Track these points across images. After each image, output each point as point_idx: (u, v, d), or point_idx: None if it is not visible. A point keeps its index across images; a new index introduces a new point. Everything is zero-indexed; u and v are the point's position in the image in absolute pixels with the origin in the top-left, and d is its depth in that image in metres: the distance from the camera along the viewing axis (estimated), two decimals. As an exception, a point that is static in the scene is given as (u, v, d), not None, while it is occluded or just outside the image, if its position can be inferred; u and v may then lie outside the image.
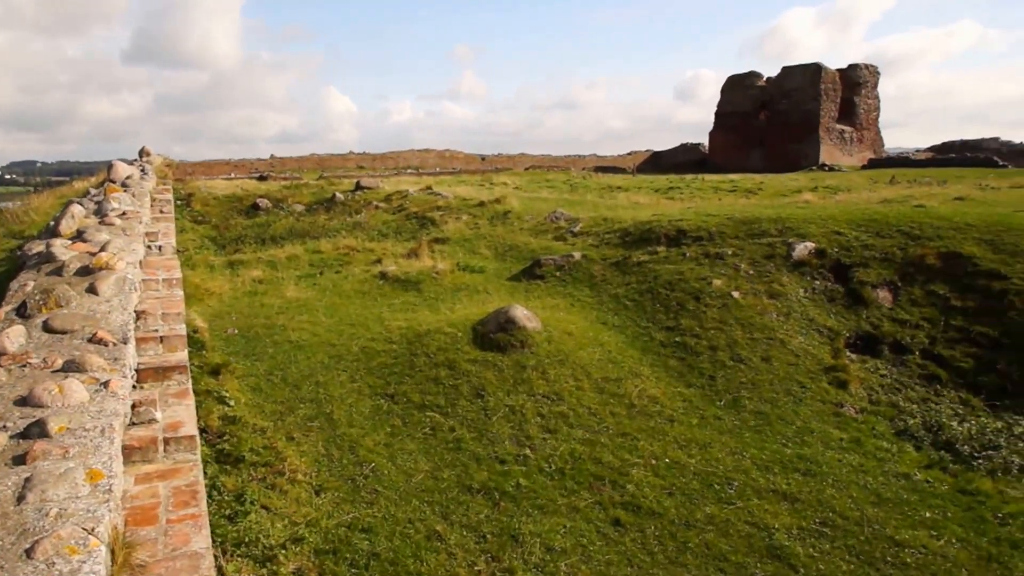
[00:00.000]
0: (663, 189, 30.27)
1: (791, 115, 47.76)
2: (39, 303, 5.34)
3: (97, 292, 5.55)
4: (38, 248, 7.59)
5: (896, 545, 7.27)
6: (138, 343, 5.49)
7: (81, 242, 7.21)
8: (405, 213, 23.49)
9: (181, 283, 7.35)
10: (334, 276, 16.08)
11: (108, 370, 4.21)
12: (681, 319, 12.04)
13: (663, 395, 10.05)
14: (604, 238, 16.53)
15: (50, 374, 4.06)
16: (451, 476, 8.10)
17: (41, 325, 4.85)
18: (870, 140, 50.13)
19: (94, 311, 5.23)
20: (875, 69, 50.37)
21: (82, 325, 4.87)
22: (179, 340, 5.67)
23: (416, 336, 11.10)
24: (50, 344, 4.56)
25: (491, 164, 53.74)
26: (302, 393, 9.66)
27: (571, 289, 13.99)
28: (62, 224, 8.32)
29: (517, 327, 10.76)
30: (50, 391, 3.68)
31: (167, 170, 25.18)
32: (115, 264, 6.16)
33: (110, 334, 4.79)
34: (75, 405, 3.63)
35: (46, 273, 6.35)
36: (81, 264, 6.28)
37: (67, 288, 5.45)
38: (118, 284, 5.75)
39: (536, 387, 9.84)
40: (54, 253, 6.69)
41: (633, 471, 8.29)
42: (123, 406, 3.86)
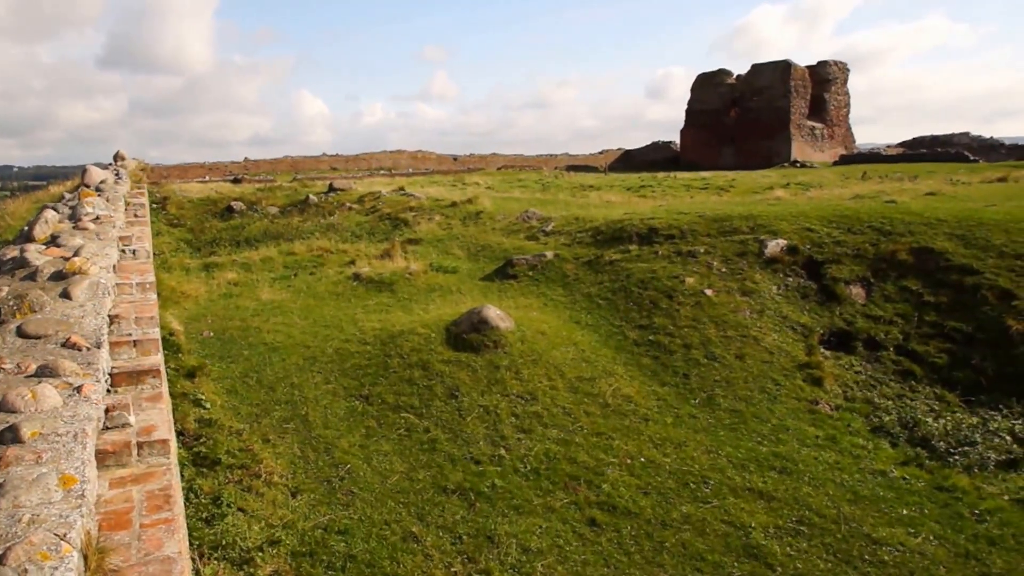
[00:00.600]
0: (635, 187, 30.38)
1: (762, 112, 48.01)
2: (13, 308, 5.35)
3: (71, 297, 5.56)
4: (12, 253, 7.57)
5: (873, 543, 7.33)
6: (112, 347, 5.50)
7: (55, 247, 7.20)
8: (378, 214, 23.47)
9: (155, 287, 7.35)
10: (308, 278, 16.07)
11: (82, 375, 4.24)
12: (654, 317, 12.13)
13: (637, 394, 10.13)
14: (576, 237, 16.60)
15: (24, 379, 4.07)
16: (426, 477, 8.15)
17: (15, 330, 4.86)
18: (841, 136, 50.59)
19: (68, 316, 5.24)
20: (844, 65, 50.81)
21: (56, 330, 4.89)
22: (153, 344, 5.68)
23: (390, 337, 11.14)
24: (24, 349, 4.57)
25: (463, 164, 53.75)
26: (277, 395, 9.68)
27: (544, 289, 14.06)
28: (36, 229, 8.28)
29: (490, 327, 10.82)
30: (23, 396, 3.70)
31: (142, 174, 24.99)
32: (88, 269, 6.17)
33: (84, 339, 4.81)
34: (48, 410, 3.66)
35: (20, 278, 6.34)
36: (55, 269, 6.28)
37: (41, 293, 5.45)
38: (91, 289, 5.77)
39: (510, 387, 9.90)
40: (28, 258, 6.68)
41: (608, 471, 8.35)
42: (96, 411, 3.89)
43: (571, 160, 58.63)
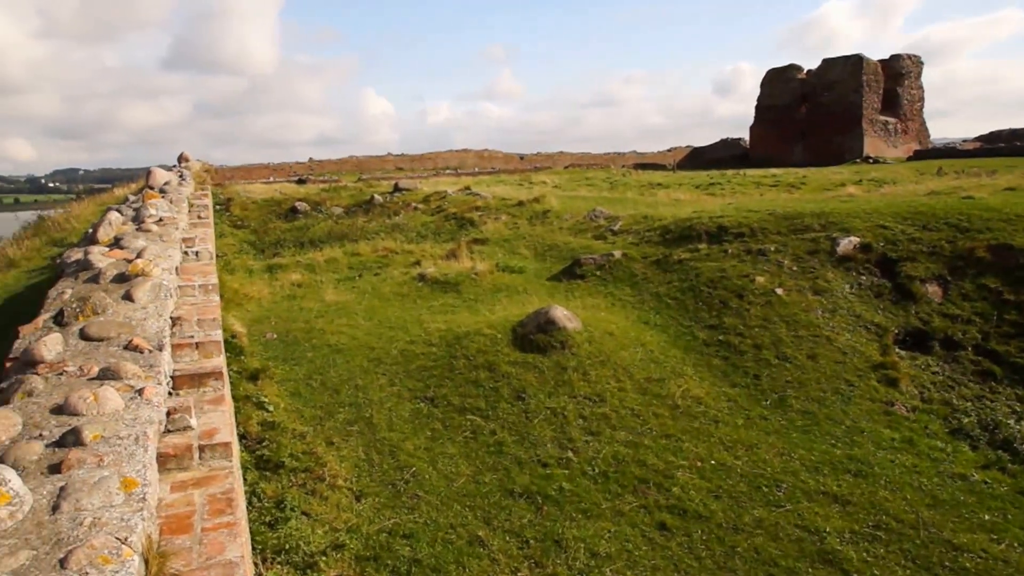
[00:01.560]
0: (704, 185, 29.87)
1: (833, 108, 46.83)
2: (76, 311, 5.32)
3: (133, 299, 5.51)
4: (76, 256, 7.61)
5: (954, 549, 6.97)
6: (174, 349, 5.44)
7: (118, 249, 7.21)
8: (444, 214, 23.44)
9: (217, 288, 7.31)
10: (373, 279, 16.05)
11: (143, 377, 4.16)
12: (724, 317, 11.78)
13: (707, 395, 9.82)
14: (644, 236, 16.28)
15: (86, 382, 4.01)
16: (493, 480, 7.97)
17: (78, 333, 4.82)
18: (915, 131, 49.07)
19: (130, 318, 5.19)
20: (918, 59, 49.30)
21: (118, 332, 4.83)
22: (215, 346, 5.61)
23: (455, 338, 10.99)
24: (86, 352, 4.52)
25: (530, 163, 53.55)
26: (341, 397, 9.60)
27: (612, 288, 13.79)
28: (100, 231, 8.34)
29: (557, 328, 10.59)
30: (85, 399, 3.63)
31: (205, 175, 25.40)
32: (151, 271, 6.13)
33: (145, 341, 4.74)
34: (110, 413, 3.58)
35: (83, 281, 6.34)
36: (118, 271, 6.27)
37: (103, 296, 5.41)
38: (154, 291, 5.72)
39: (577, 389, 9.67)
40: (91, 261, 6.69)
41: (678, 473, 8.08)
42: (158, 413, 3.79)
43: (639, 158, 58.10)
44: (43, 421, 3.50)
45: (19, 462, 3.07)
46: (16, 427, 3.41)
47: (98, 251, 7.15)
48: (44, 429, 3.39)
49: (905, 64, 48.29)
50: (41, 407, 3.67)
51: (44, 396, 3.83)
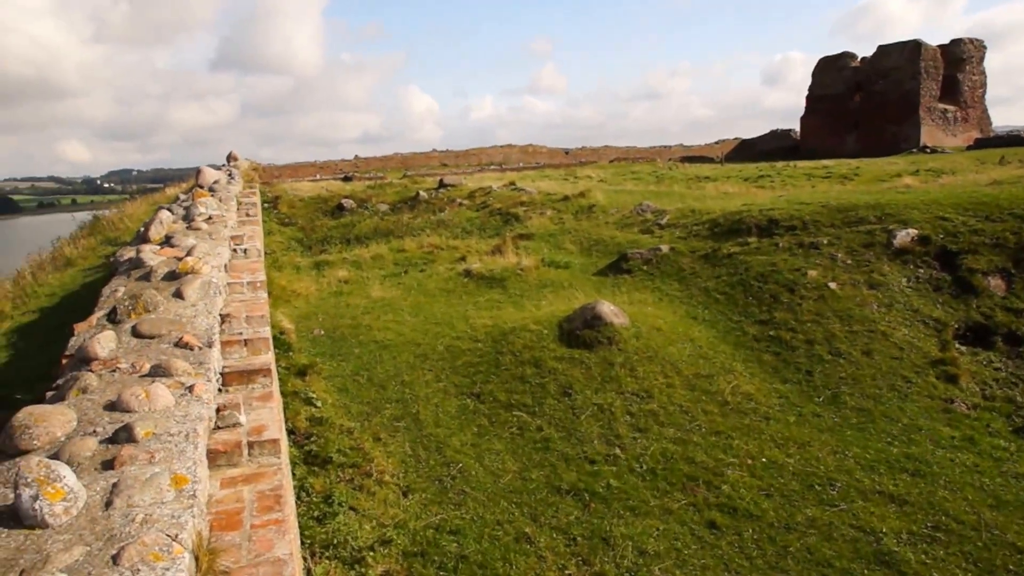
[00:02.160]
0: (753, 178, 29.45)
1: (888, 96, 45.76)
2: (128, 308, 5.39)
3: (183, 297, 5.58)
4: (129, 254, 7.73)
5: (1018, 552, 6.70)
6: (223, 346, 5.49)
7: (169, 247, 7.30)
8: (489, 210, 23.43)
9: (265, 286, 7.37)
10: (419, 275, 16.09)
11: (193, 374, 4.19)
12: (775, 312, 11.55)
13: (758, 392, 9.64)
14: (692, 230, 16.08)
15: (138, 379, 4.05)
16: (540, 477, 7.92)
17: (130, 330, 4.88)
18: (976, 119, 47.69)
19: (180, 315, 5.25)
20: (980, 43, 47.80)
21: (169, 330, 4.88)
22: (263, 343, 5.65)
23: (501, 334, 10.97)
24: (138, 349, 4.57)
25: (575, 158, 53.37)
26: (388, 393, 9.64)
27: (659, 283, 13.65)
28: (151, 230, 8.46)
29: (604, 323, 10.50)
30: (137, 396, 3.66)
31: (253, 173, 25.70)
32: (200, 268, 6.20)
33: (195, 338, 4.79)
34: (161, 410, 3.61)
35: (135, 279, 6.43)
36: (168, 269, 6.34)
37: (155, 293, 5.48)
38: (203, 288, 5.78)
39: (625, 385, 9.57)
40: (143, 259, 6.79)
41: (728, 471, 7.94)
42: (207, 410, 3.82)
43: (686, 151, 57.57)
44: (97, 417, 3.54)
45: (73, 458, 3.11)
46: (71, 423, 3.46)
47: (149, 249, 7.26)
48: (98, 425, 3.43)
49: (966, 49, 46.96)
50: (95, 403, 3.71)
51: (98, 393, 3.88)
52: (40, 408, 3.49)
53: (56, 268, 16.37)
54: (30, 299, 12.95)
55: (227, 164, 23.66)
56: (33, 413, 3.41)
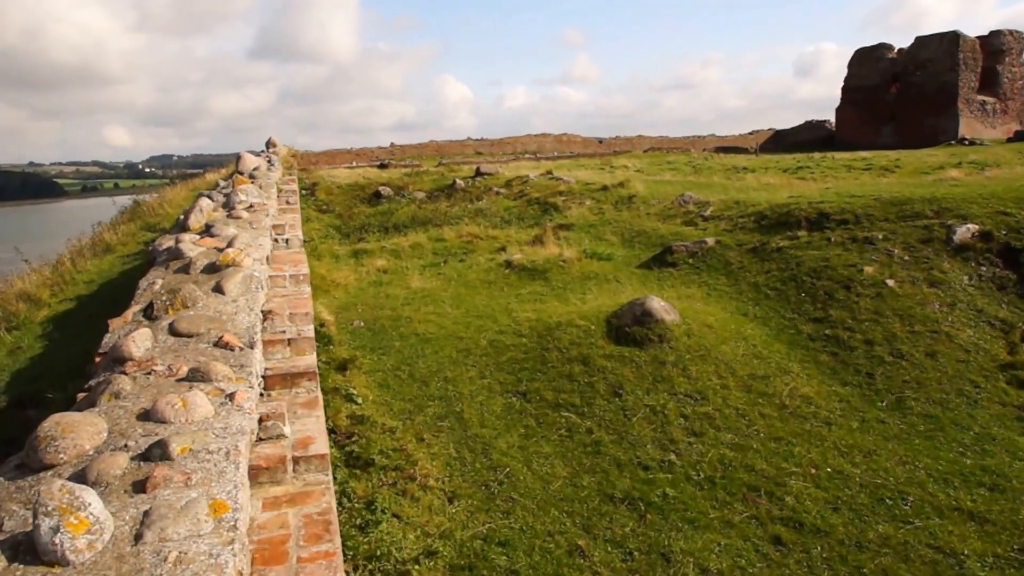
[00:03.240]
0: (792, 169, 28.82)
1: (926, 87, 44.77)
2: (165, 304, 5.09)
3: (223, 291, 5.26)
4: (167, 243, 7.45)
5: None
6: (265, 346, 5.17)
7: (209, 237, 7.01)
8: (526, 199, 23.08)
9: (308, 278, 7.04)
10: (458, 265, 15.76)
11: (234, 379, 3.87)
12: (830, 310, 11.02)
13: (816, 394, 9.14)
14: (738, 222, 15.55)
15: (174, 383, 3.74)
16: (591, 483, 7.51)
17: (167, 328, 4.57)
18: (1015, 111, 46.51)
19: (220, 312, 4.93)
20: (1020, 35, 46.60)
21: (208, 328, 4.57)
22: (307, 343, 5.31)
23: (547, 329, 10.56)
24: (175, 349, 4.26)
25: (609, 147, 53.11)
26: (431, 390, 9.28)
27: (706, 277, 13.16)
28: (191, 218, 8.20)
29: (654, 320, 10.05)
30: (173, 405, 3.34)
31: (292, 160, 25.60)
32: (241, 261, 5.88)
33: (236, 337, 4.47)
34: (199, 421, 3.29)
35: (173, 271, 6.14)
36: (208, 261, 6.05)
37: (194, 288, 5.17)
38: (244, 282, 5.45)
39: (677, 385, 9.13)
40: (182, 249, 6.50)
41: (791, 481, 7.47)
42: (249, 422, 3.48)
43: (720, 141, 57.22)
44: (129, 428, 3.23)
45: (102, 477, 2.79)
46: (101, 434, 3.15)
47: (189, 239, 6.98)
48: (129, 438, 3.12)
49: (1006, 40, 45.84)
50: (127, 412, 3.41)
51: (131, 399, 3.57)
52: (68, 417, 3.18)
53: (95, 254, 16.27)
54: (68, 286, 12.80)
55: (266, 150, 23.57)
56: (60, 422, 3.11)
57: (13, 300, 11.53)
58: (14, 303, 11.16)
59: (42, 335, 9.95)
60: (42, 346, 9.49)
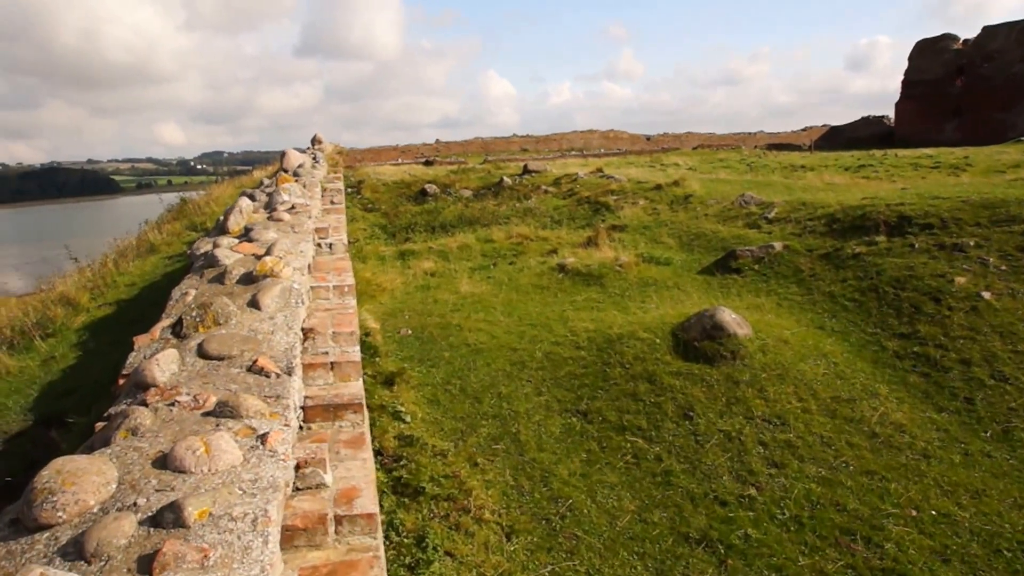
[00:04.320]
0: (853, 167, 27.64)
1: (994, 80, 42.79)
2: (195, 320, 4.49)
3: (260, 306, 4.64)
4: (205, 247, 6.91)
5: None
6: (305, 370, 4.54)
7: (247, 242, 6.44)
8: (576, 198, 22.39)
9: (353, 290, 6.41)
10: (508, 268, 15.10)
11: (267, 415, 3.23)
12: (918, 325, 10.06)
13: (910, 422, 8.23)
14: (806, 225, 14.58)
15: (200, 418, 3.11)
16: (663, 520, 6.77)
17: (196, 349, 3.97)
18: (1092, 104, 44.47)
19: (255, 330, 4.32)
20: (1097, 22, 44.61)
21: (241, 349, 3.95)
22: (353, 367, 4.66)
23: (607, 341, 9.82)
24: (204, 374, 3.64)
25: (657, 144, 52.51)
26: (484, 407, 8.60)
27: (775, 285, 12.29)
28: (230, 220, 7.65)
29: (726, 334, 9.24)
30: (194, 452, 2.71)
31: (338, 157, 25.21)
32: (280, 271, 5.27)
33: (272, 361, 3.84)
34: (224, 471, 2.66)
35: (208, 280, 5.56)
36: (245, 270, 5.45)
37: (227, 302, 4.56)
38: (283, 296, 4.83)
39: (754, 408, 8.32)
40: (217, 257, 5.92)
41: (889, 524, 6.61)
42: (283, 471, 2.82)
43: (771, 138, 56.12)
44: (141, 479, 2.61)
45: (102, 548, 2.17)
46: (109, 486, 2.54)
47: (226, 243, 6.41)
48: (141, 493, 2.50)
49: (1081, 28, 43.75)
50: (143, 455, 2.80)
51: (149, 438, 2.96)
52: (72, 464, 2.57)
53: (139, 254, 15.94)
54: (109, 290, 12.40)
55: (312, 147, 23.24)
56: (62, 471, 2.52)
57: (52, 304, 11.16)
58: (52, 307, 10.77)
59: (77, 343, 9.49)
60: (76, 356, 9.02)
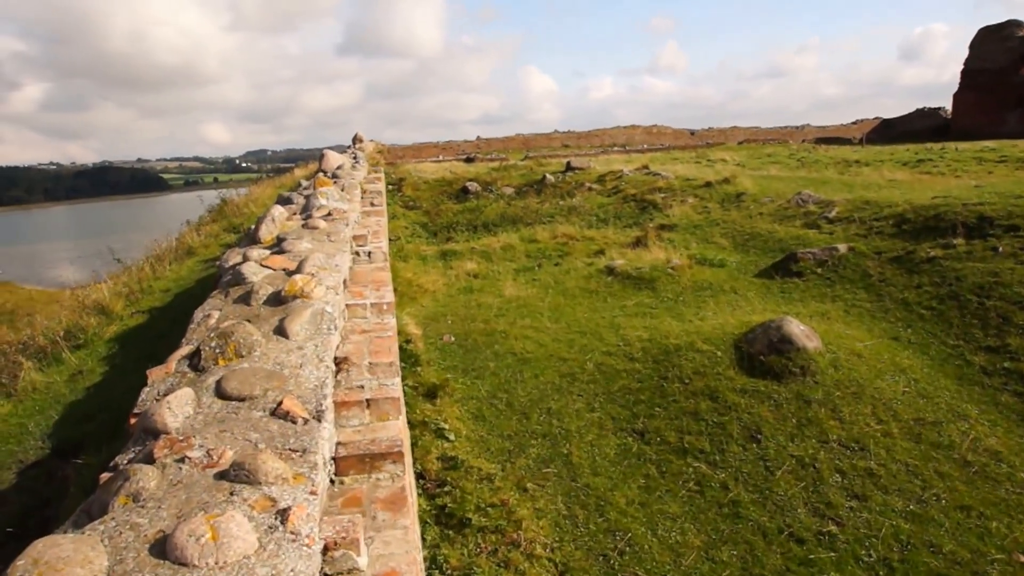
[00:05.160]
0: (911, 162, 26.53)
1: (1063, 68, 41.23)
2: (215, 352, 3.94)
3: (287, 334, 4.07)
4: (234, 259, 6.38)
5: None
6: (337, 408, 3.97)
7: (278, 254, 5.90)
8: (622, 195, 21.69)
9: (393, 308, 5.85)
10: (554, 269, 14.49)
11: (291, 479, 2.64)
12: (1008, 337, 9.18)
13: (1006, 448, 7.41)
14: (872, 226, 13.70)
15: (212, 482, 2.54)
16: (732, 558, 6.11)
17: (214, 387, 3.40)
18: None
19: (282, 363, 3.75)
20: None
21: (264, 388, 3.38)
22: (392, 404, 4.08)
23: (663, 353, 9.17)
24: (222, 419, 3.08)
25: (701, 139, 51.55)
26: (532, 424, 8.01)
27: (840, 291, 11.50)
28: (261, 229, 7.12)
29: (795, 347, 8.52)
30: (199, 538, 2.14)
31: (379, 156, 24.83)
32: (311, 291, 4.71)
33: (299, 404, 3.26)
34: (234, 563, 2.08)
35: (233, 300, 5.02)
36: (273, 289, 4.90)
37: (250, 331, 4.00)
38: (314, 321, 4.27)
39: (828, 430, 7.59)
40: (243, 273, 5.38)
41: (993, 572, 5.86)
42: (308, 563, 2.24)
43: (819, 132, 54.71)
44: (134, 570, 2.04)
45: None
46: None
47: (256, 256, 5.88)
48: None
49: None
50: (140, 536, 2.24)
51: (151, 508, 2.40)
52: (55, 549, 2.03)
53: (176, 258, 15.61)
54: (144, 296, 12.02)
55: (352, 146, 22.90)
56: (40, 560, 2.02)
57: (85, 312, 10.79)
58: (85, 316, 10.39)
59: (107, 356, 9.08)
60: (103, 372, 8.60)
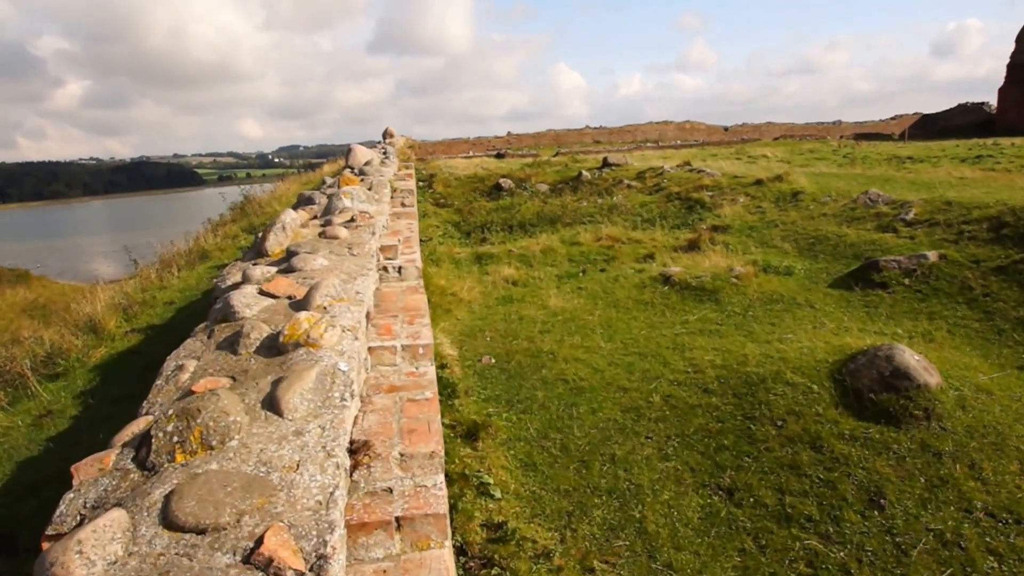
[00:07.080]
0: (968, 159, 25.10)
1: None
2: (172, 441, 2.60)
3: (280, 411, 2.68)
4: (233, 277, 5.03)
5: None
6: (352, 533, 2.63)
7: (285, 274, 4.54)
8: (665, 193, 20.31)
9: (432, 351, 4.47)
10: (601, 276, 13.08)
11: None
12: None
13: None
14: (961, 230, 12.12)
15: None
16: None
17: (160, 507, 2.03)
18: None
19: (269, 461, 2.38)
20: None
21: (238, 512, 2.00)
22: (436, 524, 2.72)
23: (744, 384, 7.70)
24: (164, 571, 1.74)
25: (735, 135, 50.82)
26: (594, 476, 6.57)
27: (937, 306, 9.97)
28: (269, 239, 5.79)
29: (913, 384, 6.98)
30: None
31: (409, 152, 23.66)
32: (321, 336, 3.35)
33: (291, 540, 1.89)
34: None
35: (216, 344, 3.68)
36: (270, 331, 3.56)
37: (226, 408, 2.62)
38: (321, 387, 2.89)
39: (968, 494, 6.02)
40: (234, 307, 4.04)
41: None
42: None
43: (857, 128, 54.01)
44: None
45: None
46: None
47: (258, 276, 4.54)
48: None
49: None
50: None
51: None
52: None
53: (188, 262, 14.35)
54: (144, 309, 10.71)
55: (382, 141, 21.79)
56: None
57: (73, 329, 9.49)
58: (68, 337, 9.06)
59: (84, 392, 7.76)
60: (74, 415, 7.28)
